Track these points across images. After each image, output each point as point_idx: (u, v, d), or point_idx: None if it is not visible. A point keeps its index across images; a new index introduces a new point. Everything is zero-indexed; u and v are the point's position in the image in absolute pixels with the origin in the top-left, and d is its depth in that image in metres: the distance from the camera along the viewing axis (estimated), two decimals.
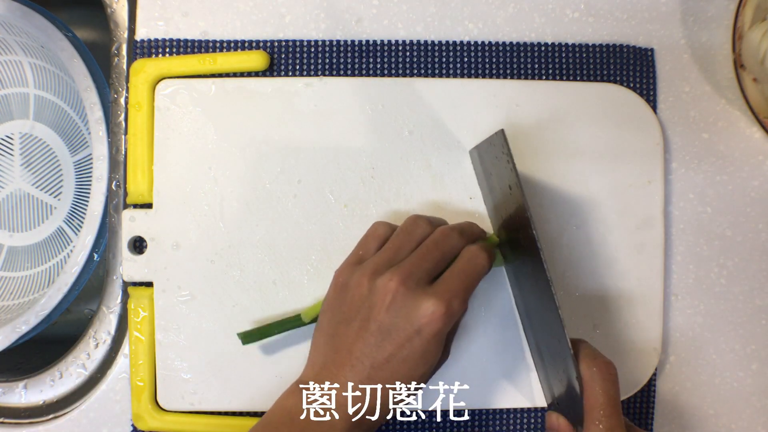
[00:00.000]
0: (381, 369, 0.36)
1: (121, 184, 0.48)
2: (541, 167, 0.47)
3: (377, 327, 0.36)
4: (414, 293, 0.36)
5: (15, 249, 0.58)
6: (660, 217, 0.48)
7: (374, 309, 0.36)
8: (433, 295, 0.35)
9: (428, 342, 0.35)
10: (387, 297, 0.36)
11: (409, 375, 0.36)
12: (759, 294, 0.50)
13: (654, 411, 0.49)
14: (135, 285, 0.47)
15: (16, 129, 0.59)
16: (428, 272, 0.37)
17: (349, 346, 0.36)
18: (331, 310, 0.39)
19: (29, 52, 0.56)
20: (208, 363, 0.46)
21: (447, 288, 0.36)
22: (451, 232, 0.39)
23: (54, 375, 0.48)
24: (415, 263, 0.37)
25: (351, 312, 0.37)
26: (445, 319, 0.35)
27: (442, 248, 0.38)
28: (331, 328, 0.38)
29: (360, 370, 0.36)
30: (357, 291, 0.37)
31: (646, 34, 0.50)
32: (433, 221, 0.41)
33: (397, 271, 0.36)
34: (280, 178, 0.46)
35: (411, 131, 0.47)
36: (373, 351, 0.36)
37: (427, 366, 0.36)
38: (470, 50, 0.49)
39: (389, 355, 0.35)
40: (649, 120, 0.48)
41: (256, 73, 0.48)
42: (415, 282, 0.36)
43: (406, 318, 0.35)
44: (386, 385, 0.36)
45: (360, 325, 0.36)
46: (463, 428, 0.47)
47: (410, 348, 0.35)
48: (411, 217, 0.41)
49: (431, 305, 0.35)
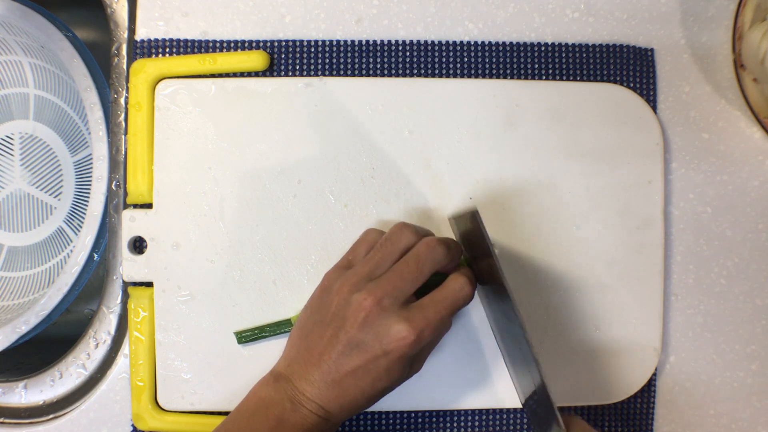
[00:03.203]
0: (346, 376, 0.37)
1: (121, 184, 0.48)
2: (541, 167, 0.47)
3: (347, 339, 0.37)
4: (387, 314, 0.36)
5: (15, 249, 0.58)
6: (660, 217, 0.48)
7: (347, 322, 0.37)
8: (405, 320, 0.36)
9: (393, 362, 0.37)
10: (360, 314, 0.37)
11: (371, 387, 0.37)
12: (759, 294, 0.50)
13: (654, 411, 0.49)
14: (135, 285, 0.47)
15: (16, 129, 0.59)
16: (405, 292, 0.37)
17: (320, 348, 0.38)
18: (311, 310, 0.40)
19: (29, 52, 0.56)
20: (208, 363, 0.46)
21: (422, 315, 0.37)
22: (437, 246, 0.39)
23: (54, 375, 0.48)
24: (393, 282, 0.37)
25: (327, 318, 0.38)
26: (414, 346, 0.36)
27: (422, 265, 0.38)
28: (308, 327, 0.39)
29: (326, 373, 0.37)
30: (336, 299, 0.38)
31: (646, 34, 0.50)
32: (419, 230, 0.40)
33: (373, 290, 0.37)
34: (280, 178, 0.46)
35: (411, 131, 0.47)
36: (340, 359, 0.37)
37: (390, 382, 0.38)
38: (470, 50, 0.49)
39: (355, 366, 0.37)
40: (649, 120, 0.48)
41: (256, 73, 0.48)
42: (390, 302, 0.37)
43: (376, 337, 0.36)
44: (350, 390, 0.37)
45: (332, 332, 0.37)
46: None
47: (375, 365, 0.37)
48: (397, 226, 0.41)
49: (402, 330, 0.36)
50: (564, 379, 0.47)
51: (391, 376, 0.37)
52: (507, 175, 0.47)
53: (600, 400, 0.47)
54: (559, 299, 0.47)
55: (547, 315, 0.47)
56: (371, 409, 0.46)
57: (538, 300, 0.47)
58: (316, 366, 0.38)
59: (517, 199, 0.47)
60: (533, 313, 0.47)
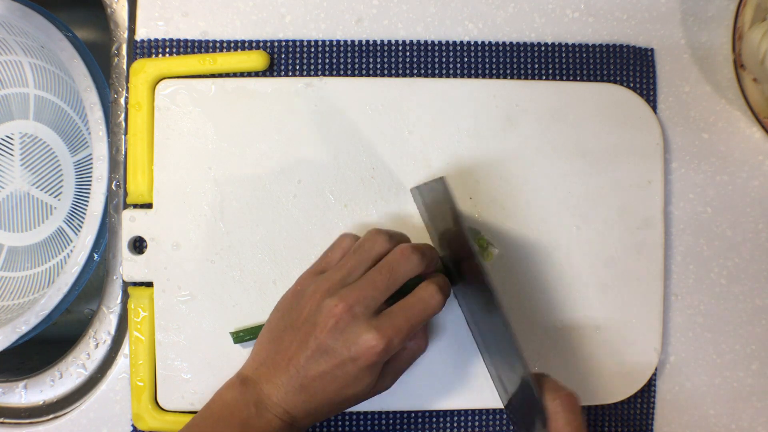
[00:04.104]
0: (313, 381, 0.37)
1: (121, 184, 0.48)
2: (541, 167, 0.47)
3: (317, 345, 0.37)
4: (357, 322, 0.36)
5: (15, 249, 0.58)
6: (660, 217, 0.48)
7: (317, 328, 0.37)
8: (375, 328, 0.36)
9: (361, 370, 0.37)
10: (330, 321, 0.37)
11: (337, 393, 0.37)
12: (759, 294, 0.50)
13: (654, 411, 0.49)
14: (135, 285, 0.47)
15: (16, 129, 0.59)
16: (376, 300, 0.37)
17: (290, 352, 0.38)
18: (282, 313, 0.40)
19: (29, 52, 0.56)
20: (208, 363, 0.46)
21: (392, 323, 0.37)
22: (411, 254, 0.38)
23: (54, 375, 0.48)
24: (365, 289, 0.37)
25: (298, 322, 0.38)
26: (383, 354, 0.36)
27: (395, 273, 0.38)
28: (278, 330, 0.40)
29: (294, 377, 0.37)
30: (307, 304, 0.38)
31: (646, 34, 0.50)
32: (393, 236, 0.40)
33: (345, 296, 0.37)
34: (280, 178, 0.46)
35: (411, 131, 0.47)
36: (309, 364, 0.37)
37: (357, 389, 0.38)
38: (470, 50, 0.49)
39: (322, 371, 0.37)
40: (649, 120, 0.48)
41: (256, 73, 0.48)
42: (361, 310, 0.37)
43: (345, 344, 0.36)
44: (316, 396, 0.37)
45: (302, 337, 0.38)
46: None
47: (343, 371, 0.37)
48: (371, 232, 0.40)
49: (371, 338, 0.36)
50: (564, 379, 0.47)
51: (358, 383, 0.37)
52: (507, 175, 0.47)
53: (600, 400, 0.47)
54: (559, 299, 0.47)
55: (547, 315, 0.47)
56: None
57: (538, 300, 0.47)
58: (284, 370, 0.38)
59: (516, 199, 0.47)
60: (533, 313, 0.47)
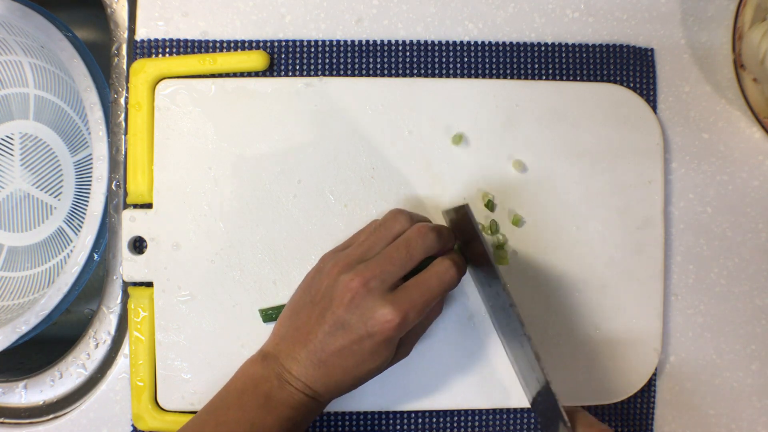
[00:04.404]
0: (332, 355, 0.37)
1: (121, 184, 0.48)
2: (541, 167, 0.47)
3: (334, 320, 0.37)
4: (373, 297, 0.37)
5: (15, 249, 0.58)
6: (660, 217, 0.48)
7: (334, 302, 0.37)
8: (391, 302, 0.36)
9: (378, 345, 0.37)
10: (346, 295, 0.37)
11: (356, 368, 0.38)
12: (759, 294, 0.50)
13: (654, 411, 0.49)
14: (135, 285, 0.47)
15: (16, 129, 0.59)
16: (393, 275, 0.37)
17: (308, 327, 0.38)
18: (303, 290, 0.41)
19: (29, 52, 0.56)
20: (208, 363, 0.46)
21: (407, 298, 0.37)
22: (428, 232, 0.39)
23: (54, 375, 0.48)
24: (381, 264, 0.38)
25: (317, 298, 0.39)
26: (399, 329, 0.36)
27: (412, 250, 0.38)
28: (299, 306, 0.40)
29: (313, 352, 0.38)
30: (326, 280, 0.39)
31: (646, 34, 0.50)
32: (413, 217, 0.41)
33: (361, 271, 0.37)
34: (280, 178, 0.46)
35: (411, 131, 0.47)
36: (327, 338, 0.37)
37: (375, 364, 0.38)
38: (470, 50, 0.49)
39: (341, 346, 0.37)
40: (649, 120, 0.48)
41: (256, 73, 0.48)
42: (377, 284, 0.37)
43: (361, 319, 0.37)
44: (335, 370, 0.38)
45: (320, 312, 0.38)
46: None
47: (360, 346, 0.37)
48: (392, 211, 0.41)
49: (387, 313, 0.36)
50: (564, 379, 0.47)
51: (376, 358, 0.38)
52: (507, 175, 0.47)
53: (600, 400, 0.47)
54: (559, 299, 0.47)
55: (547, 315, 0.47)
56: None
57: (538, 300, 0.47)
58: (303, 345, 0.38)
59: (517, 199, 0.47)
60: (533, 313, 0.47)
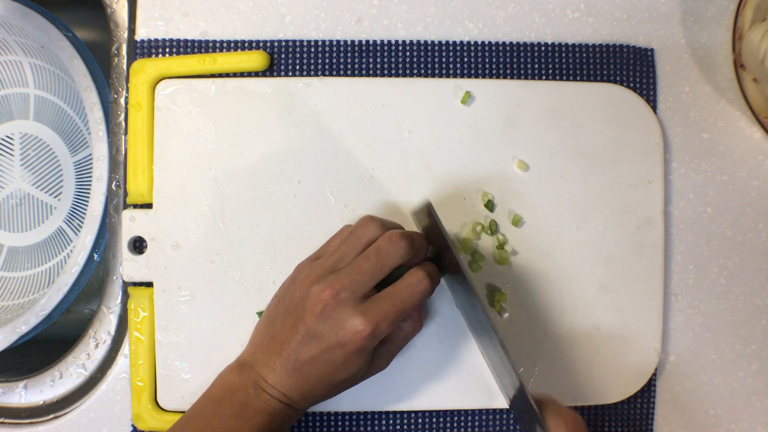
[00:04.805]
0: (305, 365, 0.38)
1: (121, 184, 0.48)
2: (541, 167, 0.47)
3: (306, 330, 0.37)
4: (344, 307, 0.37)
5: (15, 249, 0.58)
6: (660, 217, 0.48)
7: (306, 313, 0.38)
8: (362, 313, 0.36)
9: (350, 355, 0.37)
10: (317, 306, 0.37)
11: (329, 377, 0.38)
12: (759, 294, 0.50)
13: (654, 411, 0.49)
14: (135, 285, 0.47)
15: (16, 129, 0.59)
16: (363, 285, 0.38)
17: (282, 337, 0.39)
18: (279, 299, 0.41)
19: (29, 52, 0.56)
20: (208, 363, 0.46)
21: (378, 309, 0.37)
22: (399, 240, 0.38)
23: (54, 375, 0.48)
24: (352, 275, 0.38)
25: (290, 308, 0.39)
26: (370, 339, 0.37)
27: (382, 259, 0.38)
28: (274, 315, 0.41)
29: (287, 361, 0.38)
30: (299, 290, 0.39)
31: (646, 34, 0.50)
32: (385, 224, 0.40)
33: (332, 282, 0.37)
34: (280, 178, 0.46)
35: (411, 131, 0.47)
36: (300, 348, 0.38)
37: (348, 374, 0.38)
38: (470, 50, 0.49)
39: (313, 356, 0.37)
40: (649, 120, 0.48)
41: (256, 73, 0.48)
42: (347, 295, 0.37)
43: (332, 329, 0.37)
44: (309, 379, 0.38)
45: (293, 322, 0.38)
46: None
47: (332, 356, 0.37)
48: (363, 218, 0.41)
49: (358, 324, 0.36)
50: (564, 379, 0.47)
51: (349, 368, 0.38)
52: (507, 175, 0.47)
53: (600, 400, 0.47)
54: (559, 299, 0.47)
55: (547, 315, 0.47)
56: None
57: (538, 300, 0.47)
58: (277, 354, 0.38)
59: (517, 199, 0.47)
60: (533, 313, 0.47)
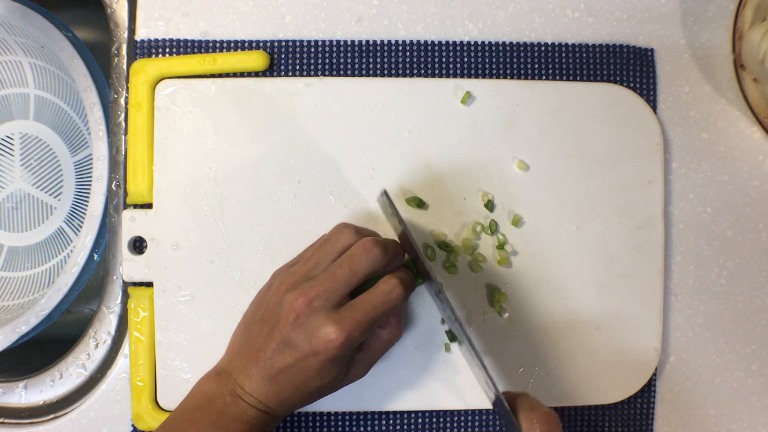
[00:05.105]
0: (281, 373, 0.38)
1: (121, 184, 0.48)
2: (541, 167, 0.47)
3: (281, 338, 0.38)
4: (317, 315, 0.37)
5: (15, 249, 0.58)
6: (660, 217, 0.48)
7: (280, 321, 0.38)
8: (335, 321, 0.36)
9: (324, 363, 0.37)
10: (291, 314, 0.37)
11: (305, 385, 0.38)
12: (759, 294, 0.50)
13: (654, 411, 0.49)
14: (135, 285, 0.47)
15: (16, 129, 0.59)
16: (337, 293, 0.37)
17: (258, 345, 0.39)
18: (255, 306, 0.41)
19: (29, 52, 0.56)
20: (208, 363, 0.45)
21: (351, 317, 0.37)
22: (373, 247, 0.38)
23: (54, 375, 0.48)
24: (325, 283, 0.38)
25: (266, 315, 0.39)
26: (343, 347, 0.37)
27: (355, 266, 0.38)
28: (250, 322, 0.41)
29: (263, 368, 0.38)
30: (274, 298, 0.39)
31: (646, 34, 0.50)
32: (360, 231, 0.40)
33: (306, 290, 0.37)
34: (280, 178, 0.46)
35: (411, 131, 0.47)
36: (275, 356, 0.38)
37: (324, 382, 0.38)
38: (470, 50, 0.49)
39: (288, 364, 0.38)
40: (649, 120, 0.48)
41: (256, 73, 0.48)
42: (320, 303, 0.37)
43: (306, 338, 0.37)
44: (285, 387, 0.38)
45: (269, 330, 0.38)
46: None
47: (306, 364, 0.37)
48: (337, 226, 0.41)
49: (331, 332, 0.36)
50: (564, 379, 0.47)
51: (324, 376, 0.38)
52: (507, 175, 0.47)
53: (600, 400, 0.47)
54: (559, 299, 0.47)
55: (547, 315, 0.47)
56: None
57: (538, 300, 0.47)
58: (254, 362, 0.38)
59: (517, 199, 0.47)
60: (533, 313, 0.47)
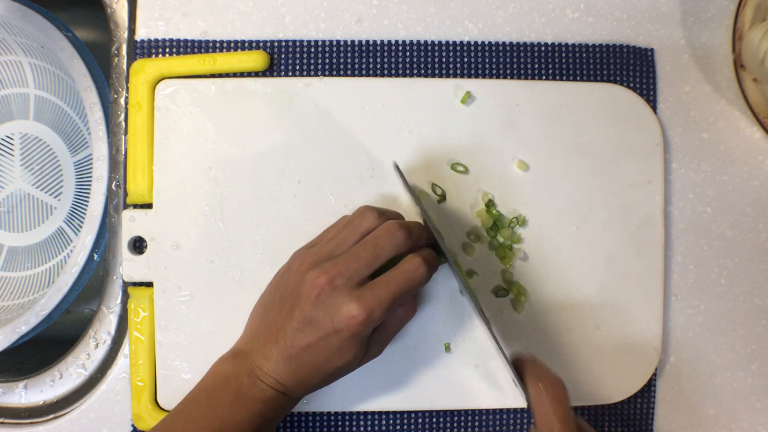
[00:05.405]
0: (301, 352, 0.38)
1: (121, 184, 0.48)
2: (541, 167, 0.47)
3: (302, 316, 0.37)
4: (339, 293, 0.37)
5: (15, 249, 0.58)
6: (660, 217, 0.48)
7: (302, 299, 0.38)
8: (357, 299, 0.36)
9: (345, 341, 0.37)
10: (313, 292, 0.37)
11: (325, 364, 0.38)
12: (759, 294, 0.50)
13: (654, 411, 0.49)
14: (135, 285, 0.47)
15: (16, 129, 0.59)
16: (359, 273, 0.37)
17: (278, 324, 0.38)
18: (274, 286, 0.41)
19: (29, 52, 0.56)
20: (208, 363, 0.45)
21: (374, 295, 0.37)
22: (397, 230, 0.38)
23: (54, 375, 0.48)
24: (348, 262, 0.38)
25: (285, 294, 0.39)
26: (365, 325, 0.36)
27: (379, 248, 0.38)
28: (269, 302, 0.41)
29: (283, 348, 0.38)
30: (294, 277, 0.39)
31: (646, 34, 0.50)
32: (384, 213, 0.40)
33: (328, 268, 0.37)
34: (280, 178, 0.46)
35: (411, 131, 0.47)
36: (296, 335, 0.38)
37: (344, 361, 0.38)
38: (470, 50, 0.49)
39: (309, 342, 0.37)
40: (649, 120, 0.48)
41: (256, 73, 0.48)
42: (343, 282, 0.37)
43: (327, 315, 0.37)
44: (305, 366, 0.38)
45: (289, 309, 0.38)
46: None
47: (327, 342, 0.37)
48: (360, 208, 0.41)
49: (352, 309, 0.36)
50: (564, 379, 0.47)
51: (344, 354, 0.38)
52: (507, 175, 0.47)
53: (600, 400, 0.47)
54: (560, 299, 0.47)
55: (547, 315, 0.47)
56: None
57: (538, 300, 0.47)
58: (273, 341, 0.38)
59: (517, 199, 0.47)
60: (533, 313, 0.47)
